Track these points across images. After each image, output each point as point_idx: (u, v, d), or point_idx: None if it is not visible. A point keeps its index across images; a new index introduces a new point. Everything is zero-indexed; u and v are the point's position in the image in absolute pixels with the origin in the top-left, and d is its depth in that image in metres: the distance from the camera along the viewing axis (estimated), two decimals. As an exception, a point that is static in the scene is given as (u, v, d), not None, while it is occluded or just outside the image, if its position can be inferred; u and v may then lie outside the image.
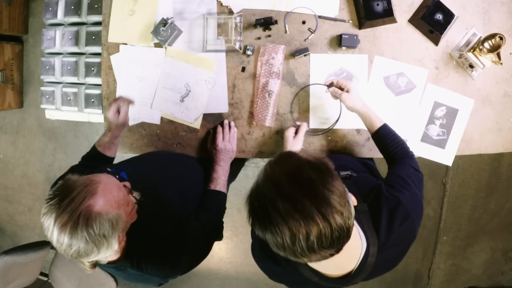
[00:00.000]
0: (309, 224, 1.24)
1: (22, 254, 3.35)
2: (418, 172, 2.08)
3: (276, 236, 1.29)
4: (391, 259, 1.76)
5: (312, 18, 2.61)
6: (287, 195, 1.27)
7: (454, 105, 2.62)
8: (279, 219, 1.26)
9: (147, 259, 1.90)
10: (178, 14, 2.71)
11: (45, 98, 3.84)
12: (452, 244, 4.71)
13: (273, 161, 1.42)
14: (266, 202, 1.30)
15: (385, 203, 1.73)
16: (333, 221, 1.25)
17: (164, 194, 2.14)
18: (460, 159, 4.44)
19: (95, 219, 1.54)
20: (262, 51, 2.63)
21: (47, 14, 3.67)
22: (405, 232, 1.71)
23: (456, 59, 2.58)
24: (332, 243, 1.28)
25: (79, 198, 1.55)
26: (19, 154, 5.30)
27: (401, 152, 2.23)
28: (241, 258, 4.88)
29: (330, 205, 1.25)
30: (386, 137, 2.27)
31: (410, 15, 2.57)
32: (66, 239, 1.52)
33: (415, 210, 1.78)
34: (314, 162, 1.36)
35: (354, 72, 2.63)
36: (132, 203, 1.78)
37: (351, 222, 1.32)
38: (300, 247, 1.27)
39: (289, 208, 1.25)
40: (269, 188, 1.31)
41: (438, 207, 4.61)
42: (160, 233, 1.97)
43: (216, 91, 2.72)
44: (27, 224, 5.48)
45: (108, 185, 1.66)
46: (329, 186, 1.28)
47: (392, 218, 1.68)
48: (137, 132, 2.82)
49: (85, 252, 1.56)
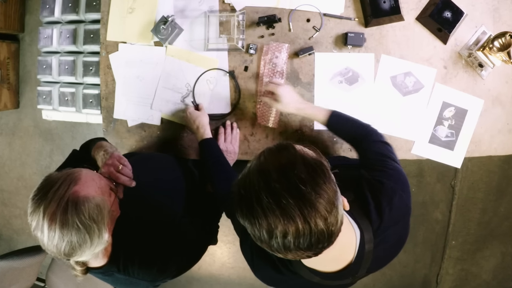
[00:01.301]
0: (288, 223, 1.24)
1: (18, 259, 3.34)
2: (385, 143, 2.09)
3: (254, 228, 1.30)
4: (393, 241, 1.75)
5: (317, 16, 2.61)
6: (273, 190, 1.27)
7: (463, 106, 2.62)
8: (260, 212, 1.27)
9: (133, 263, 1.91)
10: (179, 11, 2.71)
11: (42, 98, 3.84)
12: (461, 249, 4.70)
13: (269, 149, 1.42)
14: (251, 192, 1.30)
15: (368, 188, 1.74)
16: (314, 225, 1.25)
17: (153, 196, 2.17)
18: (469, 161, 4.44)
19: (84, 203, 1.57)
20: (266, 50, 2.63)
21: (44, 11, 3.67)
22: (397, 209, 1.71)
23: (465, 58, 2.58)
24: (310, 246, 1.28)
25: (64, 186, 1.58)
26: (15, 156, 5.30)
27: (360, 131, 2.23)
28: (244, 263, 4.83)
29: (314, 208, 1.25)
30: (338, 123, 2.29)
31: (418, 12, 2.57)
32: (57, 230, 1.53)
33: (399, 183, 1.79)
34: (310, 160, 1.35)
35: (360, 72, 2.62)
36: (114, 194, 1.81)
37: (336, 228, 1.32)
38: (277, 243, 1.28)
39: (272, 204, 1.25)
40: (258, 179, 1.31)
41: (446, 211, 4.61)
42: (147, 236, 1.98)
43: (218, 91, 2.72)
44: (23, 228, 5.47)
45: (89, 173, 1.71)
46: (318, 189, 1.28)
47: (379, 200, 1.69)
48: (137, 133, 2.82)
49: (77, 242, 1.56)
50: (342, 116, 2.28)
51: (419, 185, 4.54)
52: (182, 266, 2.06)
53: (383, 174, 1.80)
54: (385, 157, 1.94)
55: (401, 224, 1.74)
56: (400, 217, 1.72)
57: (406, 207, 1.75)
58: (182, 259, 2.05)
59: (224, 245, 4.90)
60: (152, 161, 2.51)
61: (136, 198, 1.93)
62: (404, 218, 1.75)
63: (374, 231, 1.62)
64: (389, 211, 1.67)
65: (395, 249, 1.79)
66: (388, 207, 1.67)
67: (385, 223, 1.66)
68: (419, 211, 4.59)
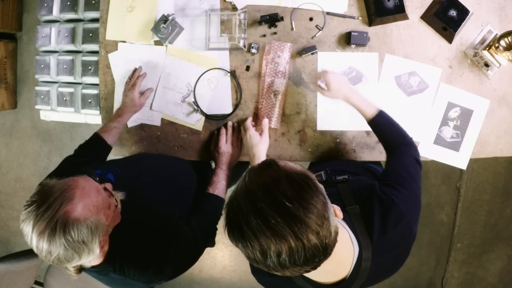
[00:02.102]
0: (280, 242, 1.24)
1: (15, 262, 3.34)
2: (417, 163, 2.07)
3: (248, 250, 1.31)
4: (390, 263, 1.76)
5: (320, 15, 2.61)
6: (260, 211, 1.27)
7: (468, 106, 2.62)
8: (250, 235, 1.27)
9: (129, 263, 1.92)
10: (180, 10, 2.71)
11: (40, 99, 3.85)
12: (466, 252, 4.70)
13: (253, 169, 1.42)
14: (239, 215, 1.30)
15: (378, 204, 1.72)
16: (307, 241, 1.25)
17: (151, 196, 2.17)
18: (475, 162, 4.43)
19: (73, 225, 1.56)
20: (268, 49, 2.63)
21: (42, 10, 3.68)
22: (400, 234, 1.70)
23: (471, 58, 2.58)
24: (306, 261, 1.29)
25: (56, 204, 1.57)
26: (13, 157, 5.31)
27: (399, 139, 2.21)
28: (245, 266, 4.87)
29: (305, 224, 1.25)
30: (381, 125, 2.26)
31: (423, 11, 2.57)
32: (45, 246, 1.54)
33: (411, 210, 1.77)
34: (294, 175, 1.34)
35: (363, 71, 2.62)
36: (114, 205, 1.80)
37: (330, 240, 1.32)
38: (272, 263, 1.28)
39: (261, 225, 1.25)
40: (244, 201, 1.31)
41: (452, 213, 4.61)
42: (144, 236, 1.99)
43: (219, 91, 2.72)
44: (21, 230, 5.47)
45: (86, 189, 1.68)
46: (306, 204, 1.27)
47: (385, 220, 1.68)
48: (137, 134, 2.82)
49: (65, 259, 1.58)
50: (388, 118, 2.26)
51: (424, 187, 4.54)
52: (178, 267, 2.06)
53: (397, 193, 1.78)
54: (409, 175, 1.92)
55: (401, 250, 1.75)
56: (401, 243, 1.72)
57: (410, 235, 1.74)
58: (179, 260, 2.06)
59: (225, 248, 4.90)
60: (152, 162, 2.53)
61: (135, 199, 1.94)
62: (405, 244, 1.75)
63: (373, 251, 1.62)
64: (393, 234, 1.66)
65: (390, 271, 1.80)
66: (393, 231, 1.66)
67: (386, 246, 1.66)
68: (424, 213, 4.56)
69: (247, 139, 2.55)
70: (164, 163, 2.59)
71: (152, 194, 2.19)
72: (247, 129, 2.57)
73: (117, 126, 2.61)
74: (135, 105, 2.67)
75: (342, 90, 2.35)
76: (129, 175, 2.19)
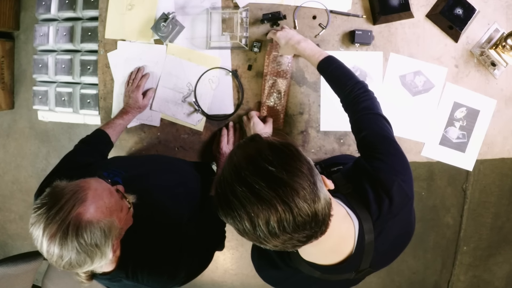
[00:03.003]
0: (267, 208, 1.25)
1: (13, 265, 3.34)
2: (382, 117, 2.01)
3: (237, 222, 1.32)
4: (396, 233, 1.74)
5: (323, 13, 2.61)
6: (244, 179, 1.29)
7: (475, 106, 2.62)
8: (237, 204, 1.28)
9: (143, 269, 1.90)
10: (180, 8, 2.71)
11: (37, 99, 3.86)
12: (473, 255, 4.70)
13: (238, 144, 1.44)
14: (226, 187, 1.32)
15: (366, 178, 1.72)
16: (294, 204, 1.25)
17: (160, 199, 2.16)
18: (481, 163, 4.44)
19: (86, 228, 1.54)
20: (270, 48, 2.63)
21: (40, 8, 3.69)
22: (397, 199, 1.69)
23: (477, 57, 2.58)
24: (297, 228, 1.28)
25: (67, 206, 1.54)
26: (10, 159, 5.31)
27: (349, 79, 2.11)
28: (248, 270, 4.88)
29: (290, 187, 1.26)
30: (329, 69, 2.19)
31: (428, 9, 2.57)
32: (56, 250, 1.51)
33: (398, 171, 1.76)
34: (276, 144, 1.37)
35: (368, 71, 2.62)
36: (126, 207, 1.78)
37: (319, 206, 1.32)
38: (262, 232, 1.29)
39: (246, 192, 1.27)
40: (229, 173, 1.33)
41: (458, 215, 4.60)
42: (157, 241, 1.98)
43: (220, 91, 2.73)
44: (18, 233, 5.49)
45: (99, 190, 1.66)
46: (289, 168, 1.29)
47: (377, 189, 1.68)
48: (136, 135, 2.83)
49: (77, 263, 1.56)
50: (337, 62, 2.20)
51: (429, 188, 4.54)
52: (191, 272, 2.06)
53: (381, 163, 1.77)
54: (383, 138, 1.90)
55: (401, 215, 1.72)
56: (400, 207, 1.70)
57: (406, 197, 1.72)
58: (192, 264, 2.05)
59: (227, 251, 4.91)
60: (157, 163, 2.52)
61: (144, 202, 1.91)
62: (404, 208, 1.73)
63: (374, 222, 1.62)
64: (389, 202, 1.66)
65: (399, 243, 1.79)
66: (388, 198, 1.66)
67: (384, 214, 1.65)
68: (429, 215, 4.59)
69: (250, 127, 2.56)
70: (169, 164, 2.58)
71: (160, 196, 2.18)
72: (252, 117, 2.59)
73: (122, 123, 2.62)
74: (139, 106, 2.67)
75: (290, 43, 2.36)
76: (136, 177, 2.18)
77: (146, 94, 2.72)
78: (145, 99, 2.70)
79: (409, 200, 1.74)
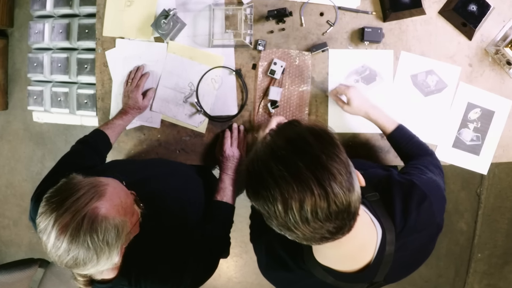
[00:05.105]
0: (303, 189, 1.25)
1: (6, 273, 3.35)
2: (439, 168, 2.09)
3: (268, 203, 1.31)
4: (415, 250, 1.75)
5: (331, 10, 2.61)
6: (281, 158, 1.30)
7: (489, 107, 2.62)
8: (271, 183, 1.28)
9: (146, 276, 1.91)
10: (181, 5, 2.72)
11: (32, 99, 3.86)
12: (487, 262, 4.69)
13: (274, 129, 1.45)
14: (260, 165, 1.33)
15: (398, 188, 1.75)
16: (330, 189, 1.25)
17: (163, 206, 2.16)
18: (496, 167, 4.42)
19: (101, 223, 1.54)
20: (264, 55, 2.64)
21: (35, 4, 3.70)
22: (424, 216, 1.70)
23: (492, 55, 2.57)
24: (329, 216, 1.28)
25: (85, 198, 1.55)
26: (4, 162, 5.32)
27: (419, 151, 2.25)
28: (252, 278, 4.87)
29: (328, 171, 1.26)
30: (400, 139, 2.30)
31: (441, 6, 2.57)
32: (64, 243, 1.51)
33: (433, 193, 1.78)
34: (316, 129, 1.38)
35: (378, 70, 2.62)
36: (137, 214, 1.79)
37: (353, 197, 1.32)
38: (293, 216, 1.28)
39: (282, 171, 1.27)
40: (265, 153, 1.35)
41: (472, 221, 4.60)
42: (160, 248, 1.99)
43: (223, 91, 2.73)
44: (12, 239, 5.48)
45: (117, 189, 1.69)
46: (328, 152, 1.30)
47: (407, 201, 1.69)
48: (136, 137, 2.83)
49: (83, 260, 1.54)
50: (407, 132, 2.30)
51: (442, 193, 4.54)
52: (197, 279, 2.08)
53: (417, 178, 1.82)
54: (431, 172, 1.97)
55: (424, 234, 1.73)
56: (425, 225, 1.72)
57: (432, 217, 1.74)
58: (197, 270, 2.06)
59: (230, 258, 4.89)
60: (158, 168, 2.53)
61: (147, 208, 1.90)
62: (429, 228, 1.74)
63: (397, 234, 1.63)
64: (416, 216, 1.67)
65: (416, 260, 1.80)
66: (416, 212, 1.67)
67: (409, 228, 1.66)
68: (441, 221, 4.58)
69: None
70: (170, 169, 2.58)
71: (163, 202, 2.18)
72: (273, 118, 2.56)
73: (121, 123, 2.63)
74: (139, 107, 2.68)
75: (364, 106, 2.38)
76: (138, 183, 2.15)
77: (146, 94, 2.72)
78: (145, 99, 2.70)
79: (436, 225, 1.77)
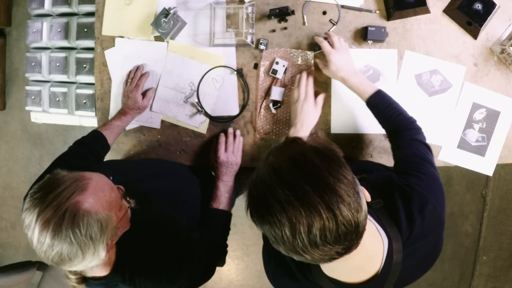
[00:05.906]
0: (311, 214, 1.24)
1: (4, 276, 3.35)
2: (425, 145, 2.11)
3: (275, 228, 1.30)
4: (423, 255, 1.75)
5: (334, 8, 2.61)
6: (287, 182, 1.28)
7: (495, 107, 2.62)
8: (278, 208, 1.27)
9: (141, 273, 1.92)
10: (182, 3, 2.72)
11: (30, 99, 3.86)
12: (493, 265, 4.69)
13: (275, 147, 1.44)
14: (265, 190, 1.31)
15: (399, 194, 1.75)
16: (339, 212, 1.25)
17: (157, 205, 2.18)
18: (502, 168, 4.42)
19: (83, 217, 1.54)
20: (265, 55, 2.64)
21: (33, 3, 3.70)
22: (430, 220, 1.71)
23: (498, 55, 2.57)
24: (338, 239, 1.28)
25: (66, 192, 1.55)
26: (1, 163, 5.32)
27: (401, 122, 2.24)
28: (254, 281, 4.86)
29: (336, 194, 1.25)
30: (379, 105, 2.28)
31: (445, 4, 2.57)
32: (48, 238, 1.51)
33: (433, 192, 1.79)
34: (321, 148, 1.37)
35: (381, 69, 2.62)
36: (125, 208, 1.79)
37: (361, 217, 1.32)
38: (301, 241, 1.27)
39: (289, 196, 1.26)
40: (269, 175, 1.33)
41: (477, 223, 4.59)
42: (154, 245, 2.00)
43: (224, 90, 2.73)
44: (9, 242, 5.49)
45: (100, 183, 1.68)
46: (335, 173, 1.29)
47: (410, 208, 1.69)
48: (135, 138, 2.83)
49: (67, 256, 1.54)
50: (387, 98, 2.29)
51: (447, 194, 4.46)
52: (192, 280, 2.08)
53: (416, 180, 1.81)
54: (422, 160, 1.96)
55: (432, 237, 1.74)
56: (431, 229, 1.72)
57: (438, 219, 1.75)
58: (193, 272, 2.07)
59: (231, 261, 4.88)
60: (153, 167, 2.53)
61: (141, 207, 1.92)
62: (436, 230, 1.75)
63: (404, 242, 1.63)
64: (421, 222, 1.67)
65: (424, 265, 1.80)
66: (420, 218, 1.67)
67: (415, 235, 1.66)
68: (446, 223, 4.53)
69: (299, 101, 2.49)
70: (166, 168, 2.58)
71: (158, 201, 2.19)
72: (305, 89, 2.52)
73: (120, 124, 2.63)
74: (139, 107, 2.68)
75: (341, 73, 2.36)
76: (133, 181, 2.18)
77: (145, 94, 2.72)
78: (144, 99, 2.70)
79: (441, 223, 1.78)
